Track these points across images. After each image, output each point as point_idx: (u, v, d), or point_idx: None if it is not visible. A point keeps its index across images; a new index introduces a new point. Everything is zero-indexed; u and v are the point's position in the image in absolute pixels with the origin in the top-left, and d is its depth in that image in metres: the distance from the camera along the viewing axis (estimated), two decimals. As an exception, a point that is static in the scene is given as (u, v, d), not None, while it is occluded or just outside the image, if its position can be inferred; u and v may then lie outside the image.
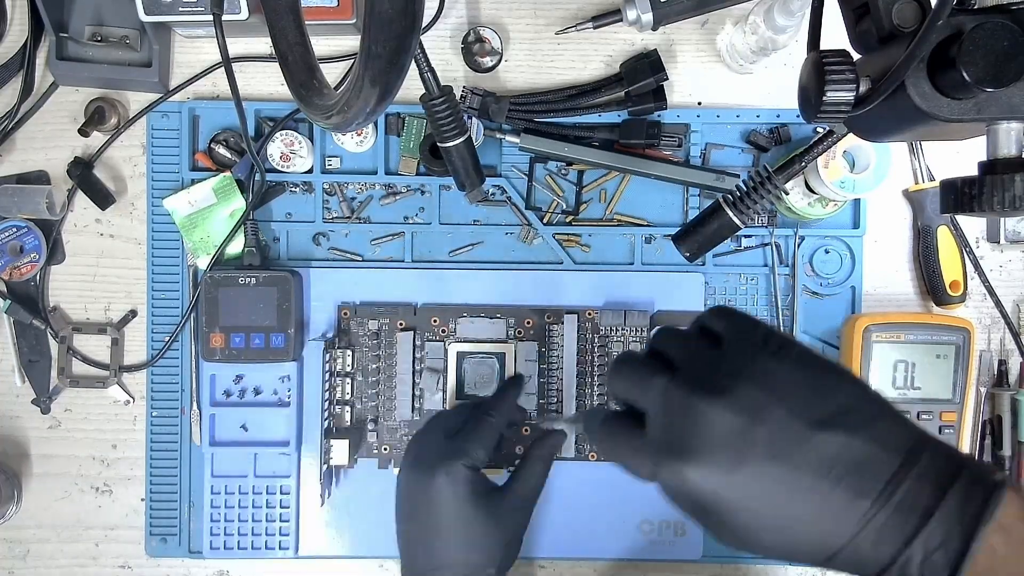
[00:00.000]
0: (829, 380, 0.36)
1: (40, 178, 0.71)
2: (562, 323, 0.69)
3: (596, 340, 0.69)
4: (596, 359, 0.69)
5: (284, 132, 0.69)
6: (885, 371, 0.67)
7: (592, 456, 0.69)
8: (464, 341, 0.69)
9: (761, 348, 0.37)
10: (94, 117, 0.69)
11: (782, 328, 0.69)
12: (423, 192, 0.71)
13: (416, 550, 0.56)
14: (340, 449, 0.68)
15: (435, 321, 0.69)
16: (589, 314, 0.69)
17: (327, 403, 0.69)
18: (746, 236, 0.71)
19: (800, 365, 0.36)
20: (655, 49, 0.69)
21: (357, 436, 0.69)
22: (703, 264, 0.70)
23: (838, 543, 0.33)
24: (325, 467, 0.68)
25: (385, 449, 0.69)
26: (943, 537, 0.32)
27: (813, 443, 0.34)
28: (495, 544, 0.55)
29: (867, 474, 0.33)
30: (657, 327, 0.46)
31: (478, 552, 0.55)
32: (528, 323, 0.69)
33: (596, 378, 0.69)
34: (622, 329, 0.69)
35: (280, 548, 0.69)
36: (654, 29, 0.64)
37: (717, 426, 0.34)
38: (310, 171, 0.70)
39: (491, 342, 0.69)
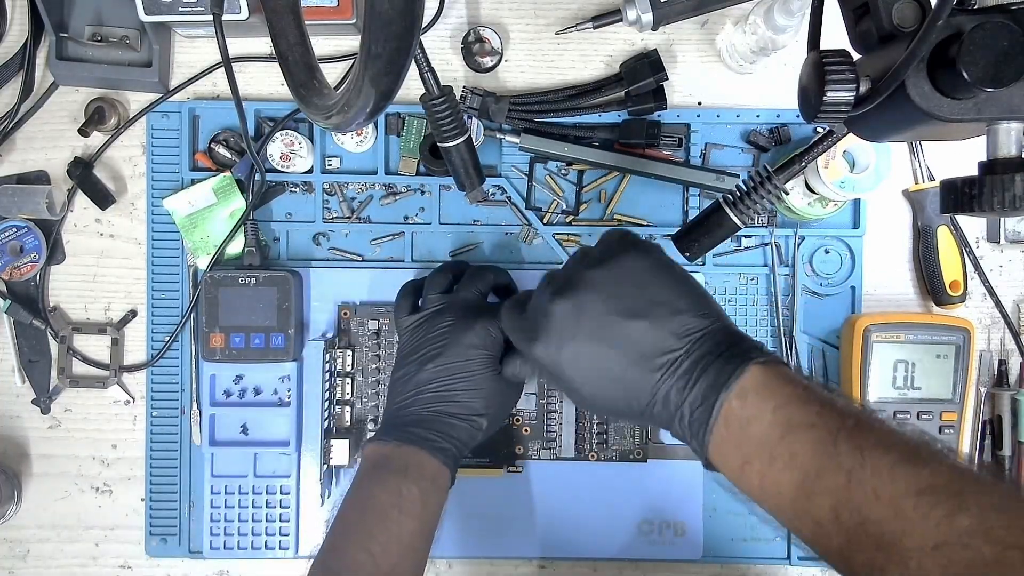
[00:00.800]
0: (656, 280, 0.48)
1: (40, 178, 0.71)
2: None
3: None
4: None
5: (284, 132, 0.69)
6: (885, 371, 0.67)
7: (592, 456, 0.69)
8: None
9: (613, 255, 0.49)
10: (94, 117, 0.69)
11: (782, 329, 0.69)
12: (423, 192, 0.71)
13: (427, 384, 0.59)
14: (340, 449, 0.68)
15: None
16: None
17: (327, 403, 0.69)
18: (746, 236, 0.71)
19: (636, 269, 0.48)
20: (655, 49, 0.69)
21: (357, 436, 0.69)
22: (703, 264, 0.70)
23: (642, 405, 0.46)
24: (325, 467, 0.68)
25: (385, 449, 0.69)
26: (700, 400, 0.43)
27: (623, 330, 0.45)
28: (493, 400, 0.60)
29: (660, 355, 0.45)
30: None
31: (480, 400, 0.59)
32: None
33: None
34: None
35: (280, 548, 0.69)
36: (654, 29, 0.64)
37: (554, 317, 0.48)
38: (310, 171, 0.70)
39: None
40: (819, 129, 0.68)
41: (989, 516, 0.36)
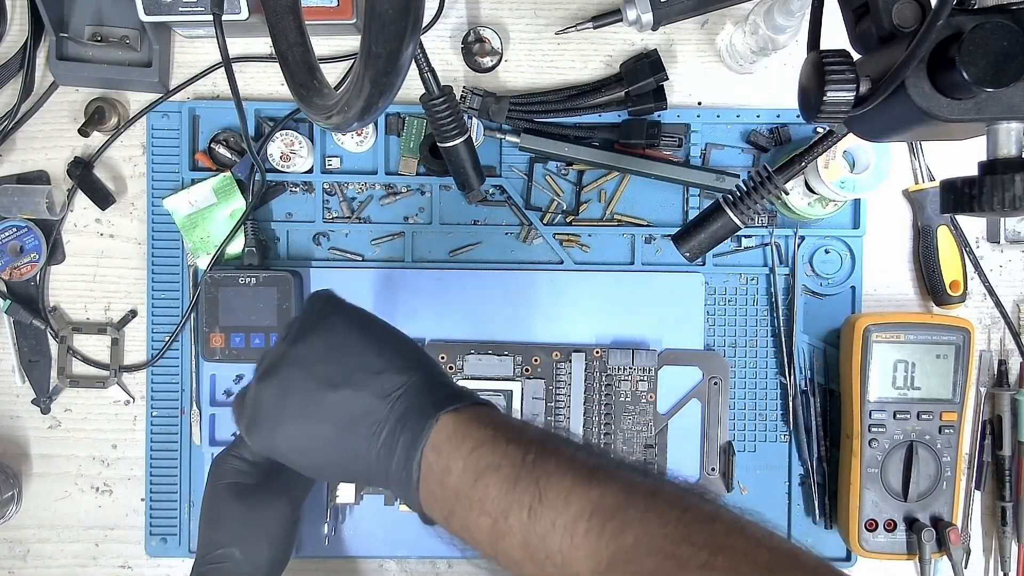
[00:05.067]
0: (356, 342, 0.46)
1: (40, 178, 0.71)
2: (569, 361, 0.68)
3: (603, 379, 0.68)
4: (603, 398, 0.68)
5: (284, 132, 0.69)
6: (885, 371, 0.67)
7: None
8: (472, 378, 0.68)
9: (312, 325, 0.47)
10: (94, 117, 0.69)
11: (782, 329, 0.69)
12: (423, 192, 0.71)
13: (199, 539, 0.57)
14: (347, 489, 0.68)
15: (443, 357, 0.68)
16: (597, 352, 0.68)
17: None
18: (746, 236, 0.71)
19: (337, 335, 0.47)
20: (655, 49, 0.69)
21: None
22: (703, 264, 0.70)
23: (363, 472, 0.44)
24: (330, 507, 0.68)
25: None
26: (404, 461, 0.42)
27: (327, 402, 0.44)
28: (252, 532, 0.56)
29: (366, 421, 0.43)
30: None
31: (243, 538, 0.56)
32: (535, 361, 0.68)
33: (602, 416, 0.68)
34: (630, 368, 0.68)
35: (280, 548, 0.69)
36: (654, 29, 0.64)
37: (262, 402, 0.46)
38: (310, 171, 0.70)
39: (499, 379, 0.68)
40: (819, 129, 0.68)
41: (651, 527, 0.36)
